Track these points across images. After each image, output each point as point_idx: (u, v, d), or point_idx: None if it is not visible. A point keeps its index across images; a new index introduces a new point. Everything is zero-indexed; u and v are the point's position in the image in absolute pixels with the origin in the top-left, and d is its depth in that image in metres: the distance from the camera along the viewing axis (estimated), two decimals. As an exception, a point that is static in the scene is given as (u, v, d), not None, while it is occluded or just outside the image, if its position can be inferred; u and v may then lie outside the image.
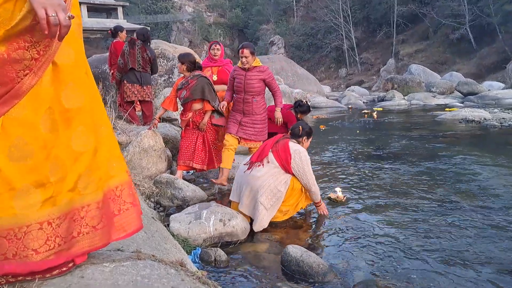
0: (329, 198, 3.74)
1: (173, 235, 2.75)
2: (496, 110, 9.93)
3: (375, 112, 11.60)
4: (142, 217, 2.15)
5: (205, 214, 2.96)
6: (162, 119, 6.16)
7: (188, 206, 3.68)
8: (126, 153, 4.18)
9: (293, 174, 3.15)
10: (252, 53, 4.01)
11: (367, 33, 39.07)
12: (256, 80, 4.06)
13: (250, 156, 3.45)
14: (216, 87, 4.49)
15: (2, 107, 1.13)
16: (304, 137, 3.35)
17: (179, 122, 4.55)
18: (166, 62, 7.96)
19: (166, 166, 4.56)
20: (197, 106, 4.23)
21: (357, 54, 36.47)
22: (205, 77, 4.24)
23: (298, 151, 3.15)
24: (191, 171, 4.95)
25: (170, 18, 45.67)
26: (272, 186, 3.07)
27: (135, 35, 5.66)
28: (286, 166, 3.12)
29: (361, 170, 4.88)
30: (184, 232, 2.82)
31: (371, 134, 8.00)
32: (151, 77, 5.96)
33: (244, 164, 3.33)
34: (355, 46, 36.31)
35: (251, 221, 3.13)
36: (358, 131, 8.63)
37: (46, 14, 1.07)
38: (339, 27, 36.90)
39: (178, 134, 5.46)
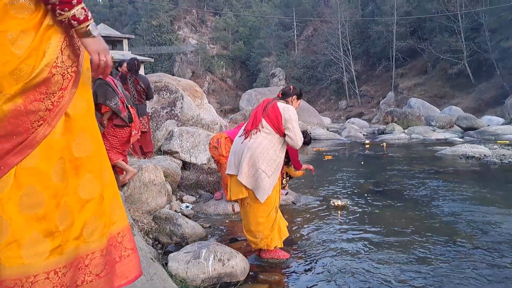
0: (333, 205, 4.74)
1: (171, 275, 2.71)
2: (495, 146, 9.97)
3: (384, 144, 12.17)
4: (141, 258, 2.13)
5: (204, 254, 2.92)
6: (163, 152, 6.19)
7: (187, 243, 3.65)
8: (127, 188, 4.18)
9: (284, 134, 3.11)
10: None
11: (366, 67, 39.84)
12: None
13: (243, 126, 3.36)
14: None
15: (16, 156, 1.16)
16: (294, 96, 3.32)
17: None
18: (169, 94, 8.07)
19: (166, 201, 4.55)
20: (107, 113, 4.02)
21: (357, 87, 37.05)
22: (99, 78, 3.92)
23: (287, 108, 3.12)
24: (190, 205, 4.93)
25: (174, 49, 46.72)
26: (271, 152, 3.06)
27: (125, 67, 5.52)
28: (278, 127, 3.09)
29: (362, 206, 4.85)
30: (183, 272, 2.78)
31: (372, 168, 8.01)
32: (148, 101, 5.94)
33: (240, 136, 3.26)
34: (355, 79, 36.95)
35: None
36: (362, 163, 8.75)
37: (99, 58, 1.25)
38: (339, 60, 37.67)
39: (179, 168, 5.48)
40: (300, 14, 43.36)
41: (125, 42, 22.04)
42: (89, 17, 1.22)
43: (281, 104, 3.17)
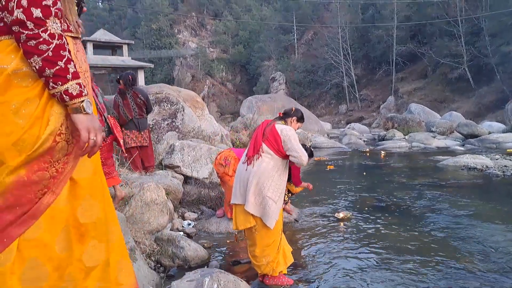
0: (337, 218, 4.93)
1: (174, 306, 2.68)
2: (497, 156, 9.93)
3: (383, 153, 12.30)
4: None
5: (207, 282, 2.88)
6: (165, 166, 6.16)
7: (189, 266, 3.63)
8: (128, 208, 4.15)
9: (286, 156, 3.09)
10: None
11: (366, 71, 39.82)
12: None
13: (245, 152, 3.33)
14: None
15: (20, 228, 1.12)
16: (294, 118, 3.35)
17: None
18: (170, 106, 8.04)
19: (168, 220, 4.51)
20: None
21: (357, 91, 37.01)
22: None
23: (285, 129, 3.12)
24: (192, 223, 4.90)
25: (174, 53, 46.70)
26: (276, 177, 3.05)
27: (122, 82, 5.51)
28: (279, 149, 3.08)
29: (364, 222, 4.82)
30: (186, 303, 2.75)
31: (374, 179, 7.98)
32: (148, 114, 5.92)
33: (243, 163, 3.24)
34: (355, 83, 36.91)
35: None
36: (364, 173, 8.80)
37: (89, 137, 1.16)
38: (339, 65, 37.62)
39: (180, 184, 5.45)
40: (300, 18, 43.34)
41: (125, 47, 21.97)
42: (83, 93, 1.16)
43: (279, 126, 3.17)
